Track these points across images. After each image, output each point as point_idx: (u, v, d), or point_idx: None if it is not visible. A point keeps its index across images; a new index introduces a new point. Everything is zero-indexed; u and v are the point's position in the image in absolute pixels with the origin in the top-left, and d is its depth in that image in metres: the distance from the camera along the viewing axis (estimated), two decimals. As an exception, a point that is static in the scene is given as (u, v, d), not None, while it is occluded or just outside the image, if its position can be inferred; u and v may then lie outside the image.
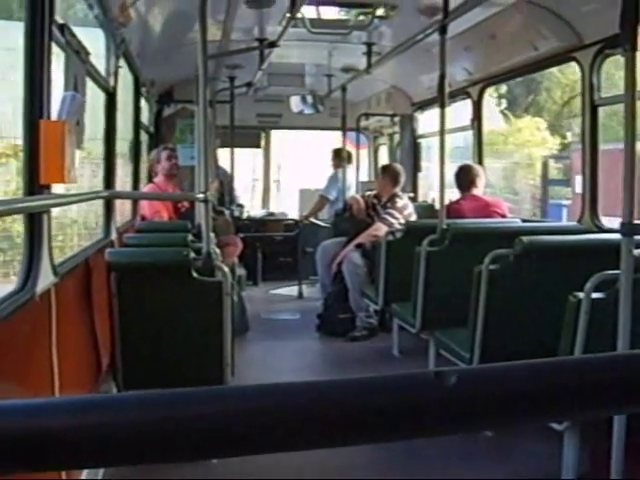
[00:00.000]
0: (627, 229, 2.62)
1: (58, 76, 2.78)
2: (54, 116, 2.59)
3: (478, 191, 5.85)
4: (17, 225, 4.87)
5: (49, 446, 0.62)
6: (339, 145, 8.47)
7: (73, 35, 2.91)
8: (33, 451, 0.61)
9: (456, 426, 0.69)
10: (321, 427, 0.65)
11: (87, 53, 3.22)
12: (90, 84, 3.64)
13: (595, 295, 2.89)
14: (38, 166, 2.40)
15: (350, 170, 8.29)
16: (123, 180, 5.84)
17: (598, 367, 0.70)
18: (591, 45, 4.46)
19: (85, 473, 2.99)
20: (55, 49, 2.69)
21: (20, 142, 2.56)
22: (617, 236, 2.76)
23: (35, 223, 2.51)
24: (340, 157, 8.38)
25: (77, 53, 2.99)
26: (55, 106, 2.63)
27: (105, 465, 0.69)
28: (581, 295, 2.89)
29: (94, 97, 4.14)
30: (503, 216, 5.75)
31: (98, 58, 4.02)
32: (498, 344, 3.61)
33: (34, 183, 2.43)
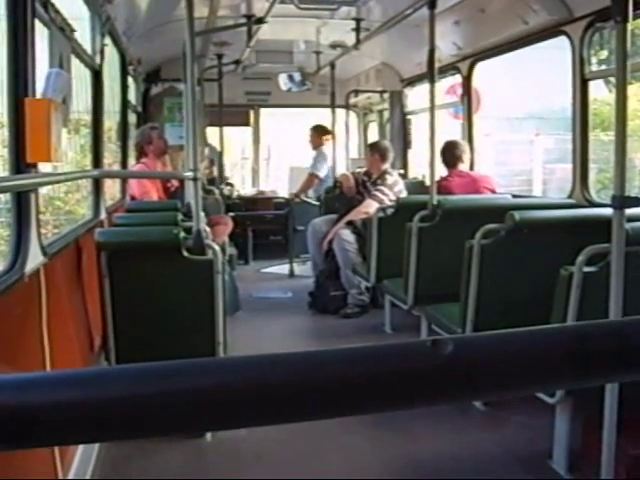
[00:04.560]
0: (618, 202, 2.61)
1: (43, 54, 2.74)
2: (39, 94, 2.55)
3: (464, 167, 5.84)
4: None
5: (38, 422, 0.60)
6: (329, 122, 8.42)
7: (57, 11, 2.87)
8: (22, 428, 0.60)
9: (453, 395, 0.68)
10: (315, 398, 0.64)
11: (72, 30, 3.17)
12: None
13: (587, 269, 2.89)
14: (24, 145, 2.37)
15: (339, 147, 8.26)
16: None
17: (597, 334, 0.70)
18: (581, 18, 4.42)
19: (79, 453, 2.99)
20: (39, 26, 2.65)
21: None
22: (608, 210, 2.75)
23: (22, 202, 2.48)
24: (318, 135, 8.44)
25: (62, 30, 2.95)
26: (40, 84, 2.59)
27: (97, 440, 0.67)
28: (573, 269, 2.90)
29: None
30: (492, 191, 5.74)
31: (84, 36, 3.97)
32: (490, 319, 3.62)
33: (20, 162, 2.40)
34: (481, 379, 0.66)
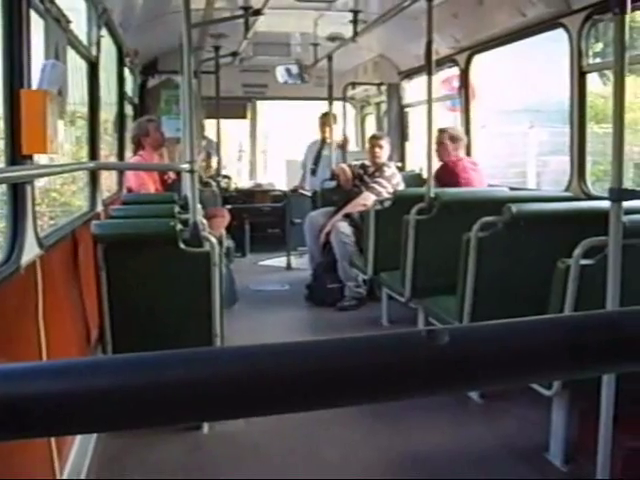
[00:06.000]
0: (615, 195, 2.61)
1: (39, 46, 2.73)
2: (35, 85, 2.54)
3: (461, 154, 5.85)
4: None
5: (33, 412, 0.60)
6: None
7: (52, 2, 2.85)
8: (17, 418, 0.59)
9: (448, 385, 0.68)
10: (310, 388, 0.63)
11: (68, 21, 3.16)
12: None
13: (583, 261, 2.89)
14: (20, 136, 2.36)
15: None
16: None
17: (592, 325, 0.69)
18: (579, 11, 4.41)
19: (76, 446, 2.99)
20: (35, 17, 2.64)
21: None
22: (605, 203, 2.75)
23: (18, 194, 2.47)
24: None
25: (57, 21, 2.93)
26: (36, 75, 2.58)
27: (92, 431, 0.67)
28: (570, 261, 2.89)
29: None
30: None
31: (80, 27, 3.95)
32: (487, 311, 3.62)
33: (16, 154, 2.39)
34: (477, 369, 0.66)
